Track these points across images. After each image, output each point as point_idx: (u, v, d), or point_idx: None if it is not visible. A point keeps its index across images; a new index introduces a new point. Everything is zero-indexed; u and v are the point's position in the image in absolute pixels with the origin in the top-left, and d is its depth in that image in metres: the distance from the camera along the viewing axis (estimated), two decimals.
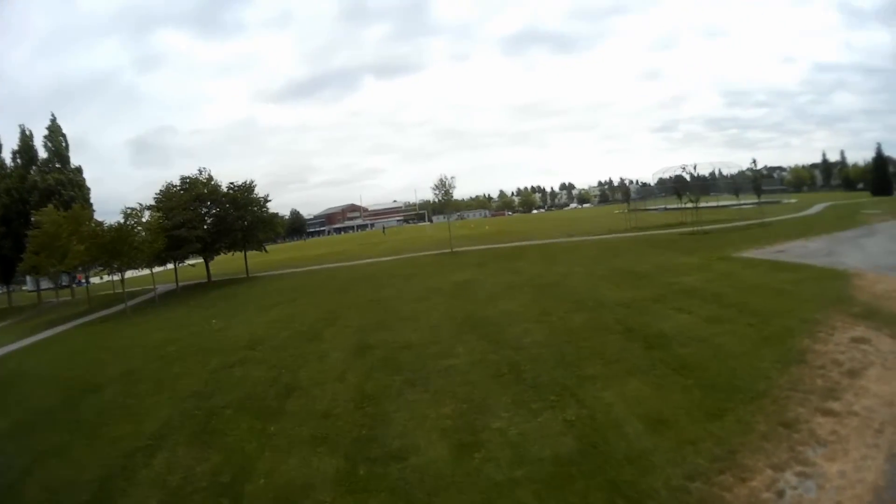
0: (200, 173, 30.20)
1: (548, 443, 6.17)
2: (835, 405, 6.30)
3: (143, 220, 24.69)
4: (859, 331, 8.73)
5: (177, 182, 29.54)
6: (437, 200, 34.52)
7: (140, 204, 25.55)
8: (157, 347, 13.85)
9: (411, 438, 6.69)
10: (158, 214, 26.00)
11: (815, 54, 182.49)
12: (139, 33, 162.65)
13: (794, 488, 4.83)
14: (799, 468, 5.13)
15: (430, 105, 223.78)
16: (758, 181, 34.30)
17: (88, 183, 35.82)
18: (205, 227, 29.14)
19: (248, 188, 30.71)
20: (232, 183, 30.64)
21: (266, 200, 31.51)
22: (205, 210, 29.85)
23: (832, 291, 11.62)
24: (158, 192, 28.86)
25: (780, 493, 4.76)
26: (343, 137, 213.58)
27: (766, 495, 4.76)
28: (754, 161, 35.54)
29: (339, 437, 6.94)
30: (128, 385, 10.70)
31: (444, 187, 33.12)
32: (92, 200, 34.46)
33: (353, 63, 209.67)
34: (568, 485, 5.24)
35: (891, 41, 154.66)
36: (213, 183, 30.02)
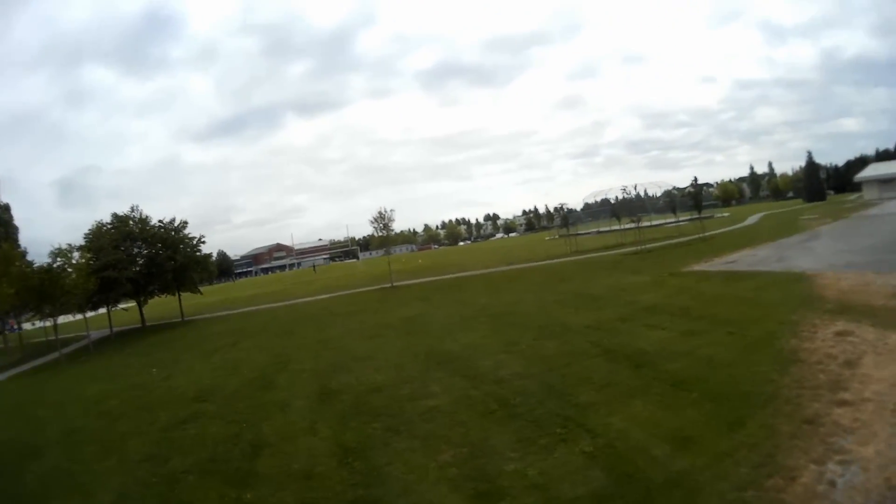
0: (132, 211, 32.28)
1: (577, 479, 6.22)
2: (846, 395, 7.08)
3: (73, 261, 25.77)
4: (840, 325, 9.96)
5: (108, 220, 31.57)
6: (376, 234, 36.78)
7: (69, 244, 26.57)
8: (97, 402, 13.91)
9: (418, 495, 6.48)
10: (89, 255, 27.47)
11: (736, 72, 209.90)
12: (66, 69, 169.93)
13: (842, 475, 5.33)
14: (838, 457, 5.67)
15: (351, 141, 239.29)
16: (698, 196, 38.29)
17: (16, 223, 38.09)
18: (136, 268, 30.64)
19: (178, 227, 32.98)
20: (161, 220, 32.99)
21: (199, 241, 33.97)
22: (136, 250, 31.68)
23: (798, 293, 13.17)
24: (88, 231, 30.93)
25: (832, 483, 5.23)
26: (265, 176, 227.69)
27: (820, 488, 5.21)
28: (695, 178, 39.89)
29: (329, 501, 6.67)
30: (71, 448, 10.47)
31: (382, 220, 35.57)
32: (20, 242, 35.64)
33: (275, 100, 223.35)
34: None
35: (812, 54, 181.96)
36: (144, 222, 32.04)
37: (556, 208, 48.55)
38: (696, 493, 5.58)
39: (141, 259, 31.44)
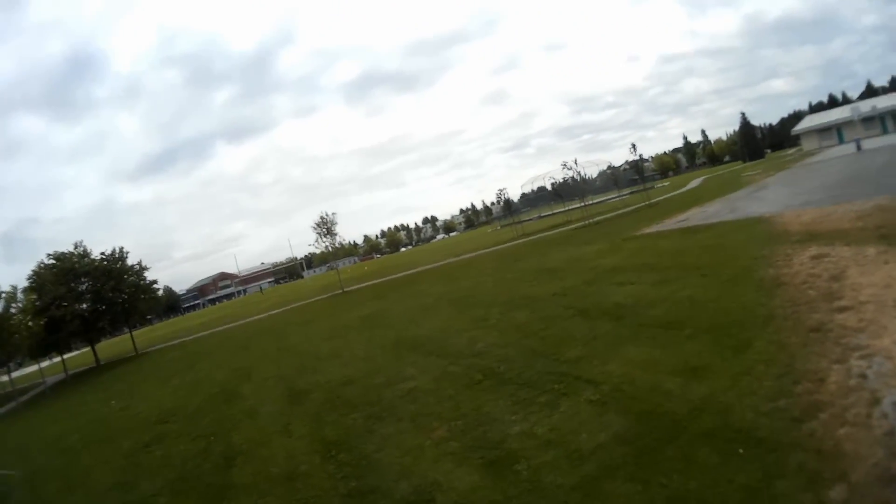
0: (75, 248, 32.01)
1: (593, 428, 5.92)
2: (843, 302, 7.21)
3: (19, 304, 26.46)
4: (813, 250, 10.24)
5: (48, 261, 31.19)
6: (320, 240, 36.68)
7: (13, 286, 27.19)
8: (57, 440, 13.67)
9: (420, 475, 5.97)
10: (33, 297, 28.13)
11: (660, 48, 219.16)
12: None
13: (870, 367, 5.34)
14: (857, 353, 5.69)
15: (282, 162, 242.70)
16: (639, 164, 39.41)
17: None
18: (83, 305, 30.72)
19: (119, 258, 32.91)
20: (103, 253, 32.84)
21: (143, 269, 33.81)
22: (82, 287, 31.20)
23: (762, 232, 13.58)
24: (32, 272, 30.48)
25: (863, 376, 5.21)
26: (201, 208, 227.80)
27: (852, 382, 5.17)
28: (633, 145, 40.47)
29: (323, 499, 6.10)
30: (35, 488, 10.14)
31: (325, 224, 35.51)
32: None
33: (203, 130, 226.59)
34: (658, 455, 5.00)
35: (735, 20, 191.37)
36: (84, 256, 31.86)
37: (496, 198, 48.18)
38: (727, 414, 5.39)
39: (87, 294, 31.32)
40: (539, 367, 8.44)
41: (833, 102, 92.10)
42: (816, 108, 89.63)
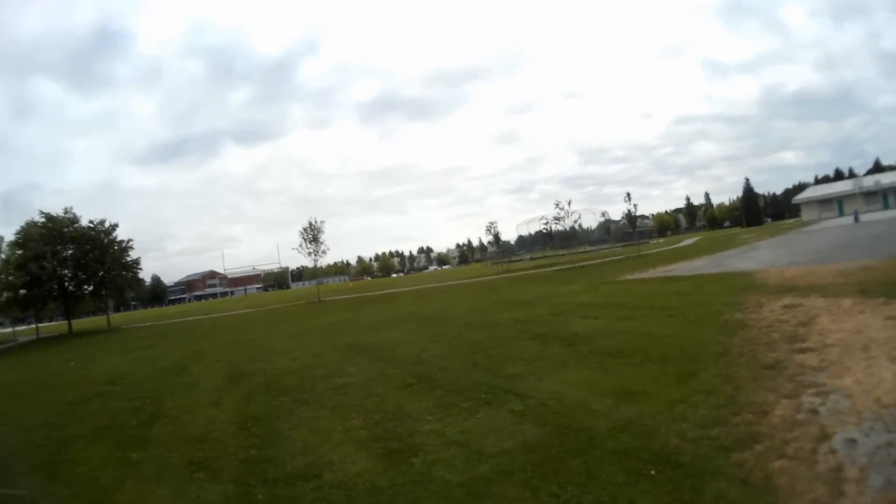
0: (66, 212, 32.49)
1: (503, 434, 5.43)
2: (806, 344, 6.47)
3: (2, 255, 27.89)
4: (787, 300, 9.51)
5: (39, 219, 31.86)
6: (305, 245, 37.17)
7: None
8: (8, 385, 14.40)
9: (317, 454, 5.75)
10: (18, 251, 29.16)
11: (675, 108, 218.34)
12: (14, 80, 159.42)
13: (823, 404, 4.60)
14: (812, 391, 4.96)
15: (288, 172, 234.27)
16: (631, 215, 38.93)
17: None
18: (65, 270, 31.67)
19: (108, 230, 33.30)
20: (92, 221, 33.26)
21: (128, 246, 34.20)
22: (66, 253, 31.98)
23: (740, 283, 12.91)
24: (20, 228, 31.34)
25: (814, 411, 4.46)
26: (201, 205, 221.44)
27: (801, 416, 4.42)
28: (627, 194, 40.04)
29: (221, 461, 6.07)
30: None
31: (312, 231, 35.85)
32: None
33: (216, 127, 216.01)
34: (560, 465, 4.43)
35: (753, 89, 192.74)
36: (74, 221, 32.39)
37: (486, 229, 47.48)
38: (649, 436, 4.70)
39: (69, 260, 32.01)
40: (475, 378, 8.06)
41: (839, 176, 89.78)
42: (822, 181, 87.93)
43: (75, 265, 32.00)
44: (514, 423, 5.74)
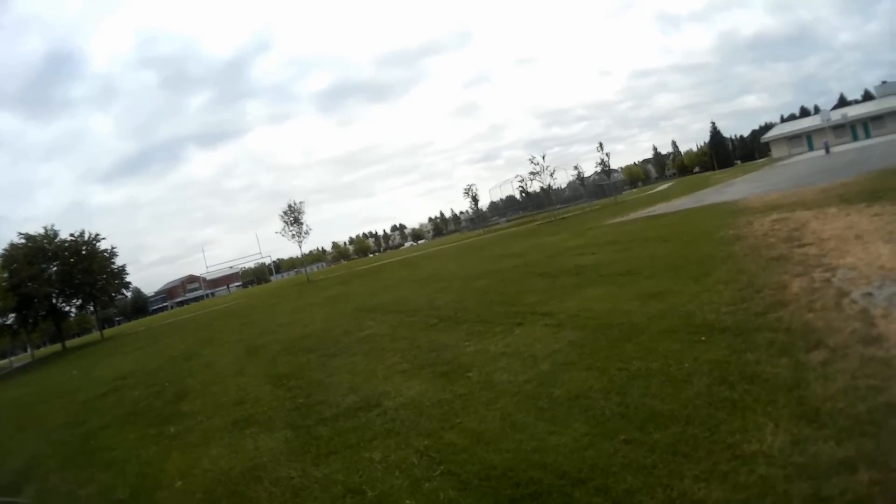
0: (46, 231, 32.20)
1: (548, 341, 5.80)
2: (804, 241, 7.13)
3: None
4: (774, 216, 10.20)
5: (19, 241, 31.46)
6: (287, 228, 37.29)
7: None
8: (15, 399, 14.41)
9: (369, 389, 5.89)
10: (5, 274, 28.34)
11: (632, 63, 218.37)
12: None
13: (833, 276, 5.20)
14: (820, 269, 5.57)
15: (253, 169, 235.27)
16: (606, 165, 39.64)
17: None
18: (51, 288, 31.11)
19: (90, 241, 33.00)
20: (73, 234, 32.87)
21: (112, 254, 33.99)
22: (52, 268, 31.74)
23: (725, 211, 13.64)
24: (3, 251, 30.95)
25: (827, 281, 5.06)
26: (172, 212, 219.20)
27: (817, 285, 5.01)
28: (600, 144, 40.27)
29: (268, 414, 6.13)
30: None
31: (293, 213, 36.16)
32: None
33: (177, 133, 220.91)
34: (616, 349, 4.85)
35: (709, 37, 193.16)
36: (54, 238, 32.15)
37: (465, 192, 47.48)
38: (688, 317, 5.25)
39: (54, 276, 31.73)
40: (496, 310, 8.45)
41: (805, 114, 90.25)
42: (788, 120, 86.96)
43: (61, 280, 31.82)
44: (553, 332, 6.14)
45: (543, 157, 36.93)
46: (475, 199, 47.36)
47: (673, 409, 3.46)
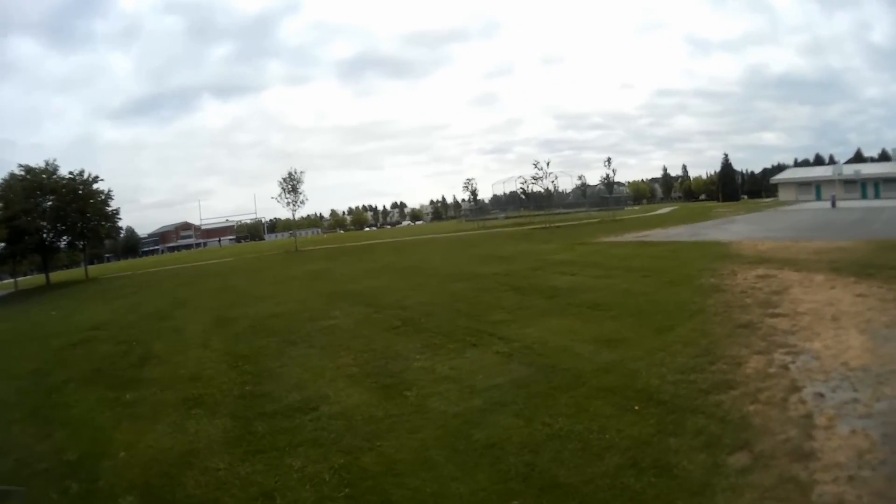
0: (47, 165, 31.71)
1: (493, 372, 5.79)
2: (779, 310, 6.89)
3: None
4: (761, 270, 9.96)
5: (18, 172, 31.16)
6: (284, 195, 37.37)
7: None
8: None
9: (312, 389, 6.03)
10: (1, 206, 28.64)
11: (656, 81, 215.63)
12: None
13: (793, 362, 4.97)
14: (783, 350, 5.34)
15: (264, 126, 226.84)
16: (610, 180, 39.35)
17: None
18: (44, 223, 31.15)
19: (88, 181, 32.50)
20: (71, 172, 32.38)
21: (108, 196, 33.47)
22: (46, 205, 31.39)
23: (716, 252, 13.39)
24: (1, 181, 30.65)
25: (785, 367, 4.84)
26: (177, 157, 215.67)
27: (772, 370, 4.79)
28: (608, 159, 40.01)
29: (217, 397, 6.24)
30: None
31: (292, 180, 36.27)
32: None
33: (193, 81, 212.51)
34: (550, 399, 4.77)
35: (736, 68, 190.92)
36: (53, 173, 31.72)
37: (464, 185, 47.30)
38: (632, 377, 5.09)
39: (48, 211, 31.41)
40: (459, 323, 8.45)
41: (819, 162, 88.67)
42: (802, 165, 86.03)
43: (54, 216, 31.50)
44: (501, 362, 6.07)
45: (548, 164, 36.75)
46: (474, 194, 47.24)
47: (574, 485, 3.43)
